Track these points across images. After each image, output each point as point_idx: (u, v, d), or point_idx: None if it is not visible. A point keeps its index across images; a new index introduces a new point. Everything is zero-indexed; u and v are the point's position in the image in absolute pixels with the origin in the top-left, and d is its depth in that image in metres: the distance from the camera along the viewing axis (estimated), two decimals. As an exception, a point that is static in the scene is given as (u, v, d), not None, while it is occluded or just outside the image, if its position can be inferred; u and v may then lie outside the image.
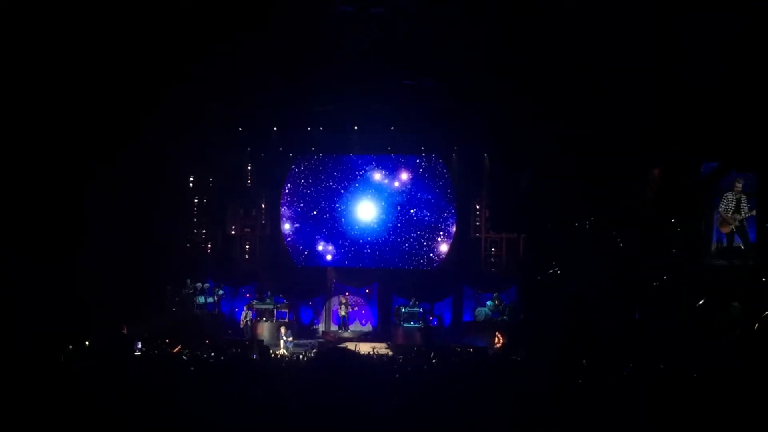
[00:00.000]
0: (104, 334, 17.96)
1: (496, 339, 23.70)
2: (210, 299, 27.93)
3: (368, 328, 28.29)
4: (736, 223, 19.73)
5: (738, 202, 19.73)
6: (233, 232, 29.29)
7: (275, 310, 26.96)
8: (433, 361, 15.15)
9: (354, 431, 4.76)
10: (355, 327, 28.28)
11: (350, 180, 28.82)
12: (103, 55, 17.73)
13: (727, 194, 19.75)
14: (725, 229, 19.74)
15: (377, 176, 28.67)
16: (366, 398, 4.78)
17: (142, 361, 14.23)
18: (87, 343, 16.95)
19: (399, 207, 28.55)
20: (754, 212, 19.60)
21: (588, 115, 18.74)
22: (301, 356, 19.99)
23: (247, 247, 29.38)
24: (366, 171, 28.73)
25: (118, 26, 16.35)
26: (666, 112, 16.84)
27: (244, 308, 27.13)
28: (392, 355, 19.86)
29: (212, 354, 16.12)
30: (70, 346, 15.31)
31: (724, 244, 19.86)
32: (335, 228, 28.83)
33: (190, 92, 21.43)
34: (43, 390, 7.97)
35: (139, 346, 18.75)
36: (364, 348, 20.64)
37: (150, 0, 16.08)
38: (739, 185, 19.68)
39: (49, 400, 7.47)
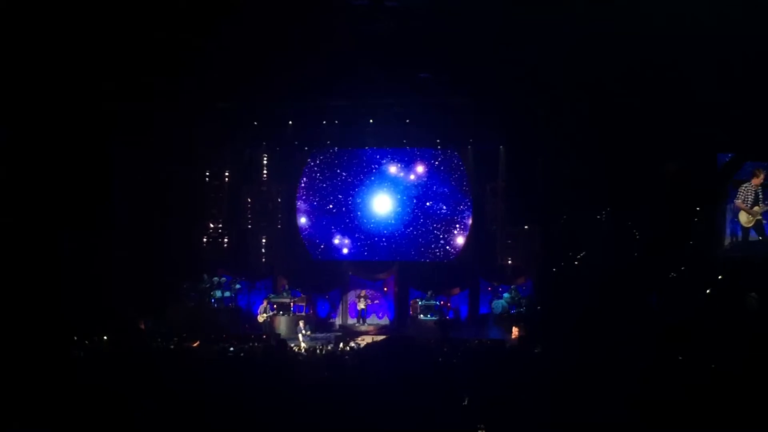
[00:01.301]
0: (122, 330, 18.07)
1: (513, 332, 23.63)
2: (227, 293, 28.00)
3: (385, 321, 28.28)
4: (759, 216, 19.46)
5: (756, 194, 19.46)
6: (249, 227, 29.31)
7: (292, 303, 27.01)
8: (444, 350, 15.15)
9: (371, 422, 4.76)
10: (372, 320, 28.29)
11: (366, 173, 28.79)
12: (119, 51, 17.81)
13: (744, 185, 19.53)
14: (747, 222, 19.47)
15: (393, 169, 28.62)
16: (377, 391, 4.78)
17: (160, 355, 14.26)
18: (105, 338, 17.04)
19: (415, 200, 28.49)
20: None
21: (604, 107, 18.68)
22: (317, 350, 20.00)
23: (264, 241, 29.39)
24: (381, 164, 28.70)
25: (133, 21, 16.41)
26: (682, 101, 16.78)
27: (263, 302, 27.14)
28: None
29: (230, 348, 16.17)
30: (87, 342, 15.39)
31: (739, 237, 19.60)
32: (351, 221, 28.81)
33: (205, 87, 21.49)
34: (59, 385, 8.00)
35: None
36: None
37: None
38: (759, 178, 19.42)
39: (65, 395, 7.49)
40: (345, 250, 28.96)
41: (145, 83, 19.84)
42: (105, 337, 17.11)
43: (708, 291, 17.37)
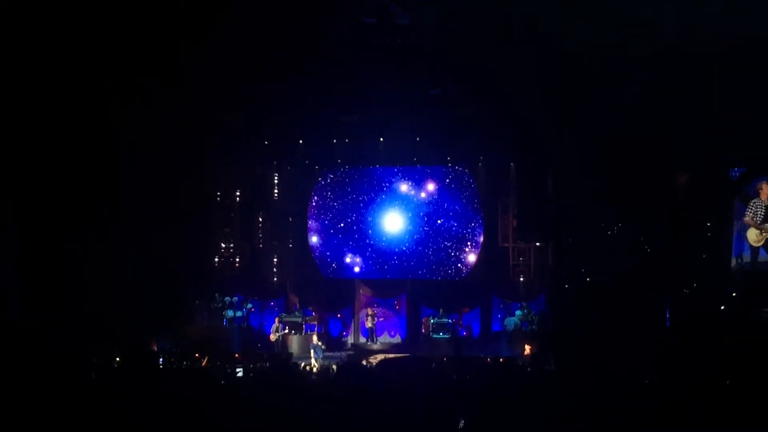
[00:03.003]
0: (133, 350, 18.00)
1: (526, 349, 23.53)
2: (239, 313, 27.98)
3: (397, 339, 28.21)
4: None
5: (767, 209, 19.04)
6: (261, 246, 29.34)
7: (304, 322, 26.97)
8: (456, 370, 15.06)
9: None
10: (384, 338, 28.22)
11: (376, 191, 28.79)
12: (130, 72, 17.88)
13: (754, 201, 19.13)
14: (756, 241, 18.99)
15: (403, 187, 28.62)
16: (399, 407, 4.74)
17: (171, 375, 14.22)
18: (117, 359, 17.01)
19: (426, 217, 28.47)
20: None
21: (613, 121, 18.64)
22: (331, 368, 19.93)
23: (275, 260, 29.41)
24: (392, 182, 28.70)
25: (143, 40, 16.47)
26: (693, 116, 16.73)
27: (275, 320, 27.08)
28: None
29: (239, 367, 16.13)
30: (95, 361, 15.35)
31: (747, 258, 19.12)
32: (362, 240, 28.80)
33: (215, 104, 21.54)
34: (71, 405, 7.98)
35: (161, 360, 18.75)
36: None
37: (176, 13, 16.19)
38: (765, 191, 19.02)
39: (77, 415, 7.47)
40: (356, 269, 28.93)
41: (155, 102, 19.91)
42: (117, 358, 17.08)
43: (722, 307, 17.25)
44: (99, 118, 19.44)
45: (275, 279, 29.34)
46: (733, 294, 18.37)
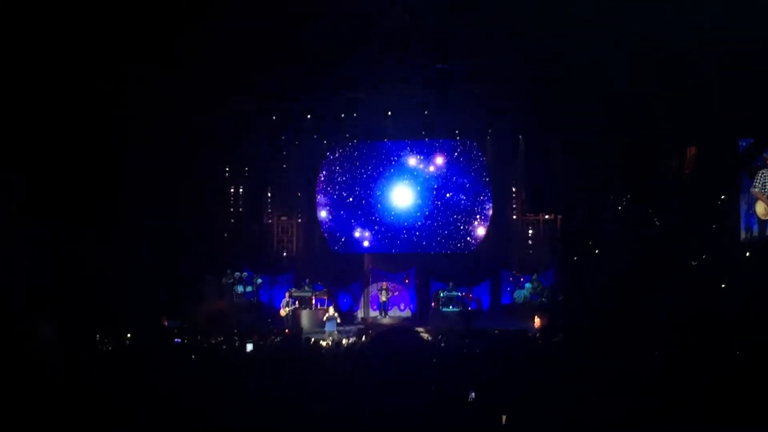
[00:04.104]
0: (144, 327, 18.11)
1: (536, 321, 23.57)
2: (249, 288, 28.08)
3: (407, 313, 28.26)
4: None
5: None
6: (270, 221, 29.41)
7: (313, 297, 27.04)
8: (467, 340, 15.14)
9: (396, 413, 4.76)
10: (394, 312, 28.27)
11: (385, 166, 28.77)
12: (136, 46, 17.88)
13: (762, 171, 18.80)
14: (765, 214, 18.60)
15: (412, 161, 28.60)
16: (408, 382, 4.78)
17: (183, 352, 14.32)
18: (128, 336, 17.11)
19: (435, 191, 28.46)
20: None
21: (621, 94, 18.58)
22: (344, 341, 20.00)
23: (285, 235, 29.48)
24: (401, 156, 28.68)
25: (146, 19, 16.46)
26: (699, 87, 16.65)
27: (286, 295, 27.13)
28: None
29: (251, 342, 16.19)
30: (107, 340, 15.45)
31: (755, 232, 18.78)
32: (371, 214, 28.81)
33: (224, 80, 21.53)
34: (85, 382, 8.05)
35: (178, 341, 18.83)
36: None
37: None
38: None
39: (90, 393, 7.54)
40: (366, 243, 28.96)
41: (163, 76, 19.92)
42: (128, 335, 17.19)
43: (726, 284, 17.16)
44: (108, 96, 19.47)
45: (284, 254, 29.42)
46: (744, 266, 18.23)
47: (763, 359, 8.30)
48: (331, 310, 25.43)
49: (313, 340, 18.52)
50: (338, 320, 24.87)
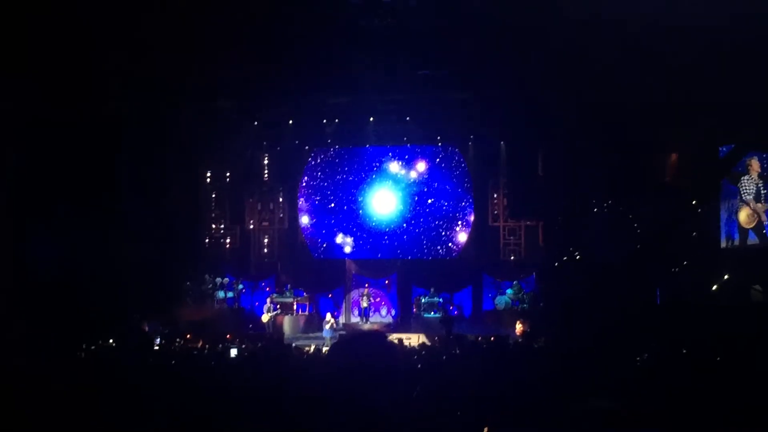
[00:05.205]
0: (125, 331, 18.04)
1: (518, 327, 23.62)
2: (230, 294, 28.07)
3: (388, 319, 28.30)
4: (762, 218, 18.32)
5: (758, 187, 18.58)
6: (251, 227, 29.37)
7: (295, 303, 27.04)
8: (456, 351, 15.12)
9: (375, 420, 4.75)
10: (375, 318, 28.29)
11: (367, 171, 28.80)
12: (118, 52, 17.83)
13: (745, 177, 18.75)
14: (747, 222, 18.46)
15: (394, 167, 28.63)
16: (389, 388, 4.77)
17: (163, 356, 14.27)
18: (110, 341, 17.06)
19: (416, 197, 28.50)
20: None
21: (603, 100, 18.66)
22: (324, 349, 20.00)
23: (266, 241, 29.45)
24: (382, 162, 28.71)
25: (132, 21, 16.42)
26: (680, 92, 16.72)
27: (267, 301, 27.10)
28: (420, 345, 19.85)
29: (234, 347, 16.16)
30: (84, 346, 15.37)
31: (736, 241, 18.68)
32: (353, 220, 28.82)
33: (204, 86, 21.49)
34: (65, 386, 8.00)
35: (158, 341, 18.79)
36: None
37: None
38: (755, 168, 18.55)
39: (70, 396, 7.50)
40: (347, 249, 28.96)
41: (144, 83, 19.88)
42: (110, 340, 17.13)
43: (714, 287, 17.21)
44: (92, 105, 19.47)
45: (266, 260, 29.38)
46: (724, 275, 18.24)
47: (741, 364, 8.35)
48: (329, 316, 25.45)
49: (294, 345, 18.54)
50: (335, 327, 24.93)
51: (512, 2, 16.00)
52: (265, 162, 29.02)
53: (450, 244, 28.36)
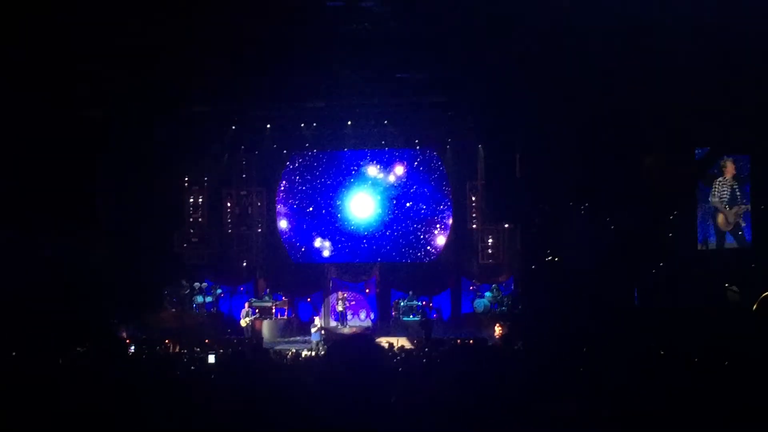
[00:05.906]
0: (101, 338, 17.91)
1: (496, 330, 23.65)
2: (208, 299, 27.97)
3: (367, 322, 28.26)
4: (739, 220, 18.29)
5: (733, 190, 18.59)
6: (230, 231, 29.26)
7: (274, 307, 26.97)
8: (426, 349, 15.14)
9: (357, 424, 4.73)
10: (354, 322, 28.27)
11: (345, 175, 28.78)
12: (96, 56, 17.76)
13: (719, 180, 18.77)
14: (724, 225, 18.42)
15: (372, 171, 28.63)
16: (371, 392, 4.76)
17: (140, 362, 14.17)
18: (85, 347, 16.92)
19: (395, 201, 28.50)
20: (748, 207, 18.21)
21: (582, 104, 18.71)
22: (304, 353, 19.98)
23: (244, 245, 29.36)
24: (361, 166, 28.70)
25: (110, 26, 16.35)
26: (656, 95, 16.79)
27: (245, 305, 27.02)
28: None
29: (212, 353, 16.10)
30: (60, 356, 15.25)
31: (712, 244, 18.64)
32: (332, 224, 28.79)
33: (182, 91, 21.42)
34: (41, 394, 7.93)
35: (132, 349, 18.65)
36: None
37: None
38: (729, 170, 18.55)
39: (47, 404, 7.43)
40: (326, 253, 28.93)
41: (123, 88, 19.81)
42: (85, 347, 17.00)
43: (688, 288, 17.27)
44: (70, 112, 19.38)
45: (244, 264, 29.29)
46: (700, 275, 18.30)
47: (721, 364, 8.39)
48: (317, 320, 25.38)
49: (271, 350, 18.50)
50: (323, 331, 24.86)
51: (489, 6, 16.01)
52: (243, 166, 28.94)
53: (428, 248, 28.38)
